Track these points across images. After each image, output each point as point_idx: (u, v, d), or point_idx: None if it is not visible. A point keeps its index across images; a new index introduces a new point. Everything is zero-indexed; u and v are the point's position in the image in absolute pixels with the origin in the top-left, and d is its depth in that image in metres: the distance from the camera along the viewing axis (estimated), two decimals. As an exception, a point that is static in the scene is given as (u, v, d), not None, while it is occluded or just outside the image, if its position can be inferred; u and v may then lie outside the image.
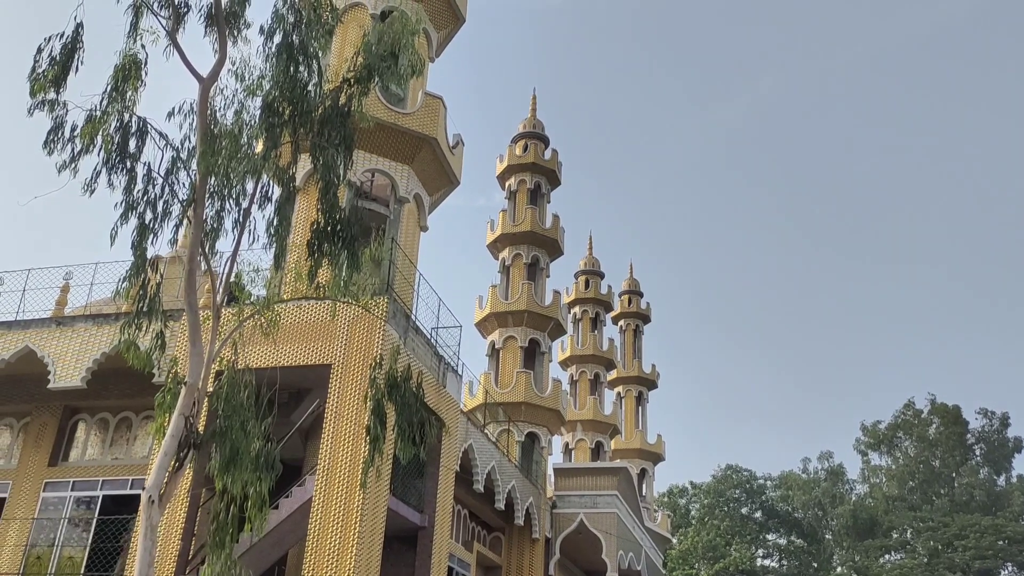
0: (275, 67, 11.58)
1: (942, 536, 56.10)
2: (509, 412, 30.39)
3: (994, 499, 63.25)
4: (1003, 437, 67.31)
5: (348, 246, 11.39)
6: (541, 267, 34.36)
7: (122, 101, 11.04)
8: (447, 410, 18.99)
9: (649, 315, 52.33)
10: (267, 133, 11.40)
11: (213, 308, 11.47)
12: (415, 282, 19.28)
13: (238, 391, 11.40)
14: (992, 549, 52.97)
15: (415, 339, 17.85)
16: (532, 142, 36.47)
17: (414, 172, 20.16)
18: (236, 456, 10.89)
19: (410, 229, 20.14)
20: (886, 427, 70.21)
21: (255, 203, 11.59)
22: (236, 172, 11.24)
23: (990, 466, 66.70)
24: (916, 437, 68.19)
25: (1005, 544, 53.35)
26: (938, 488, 66.48)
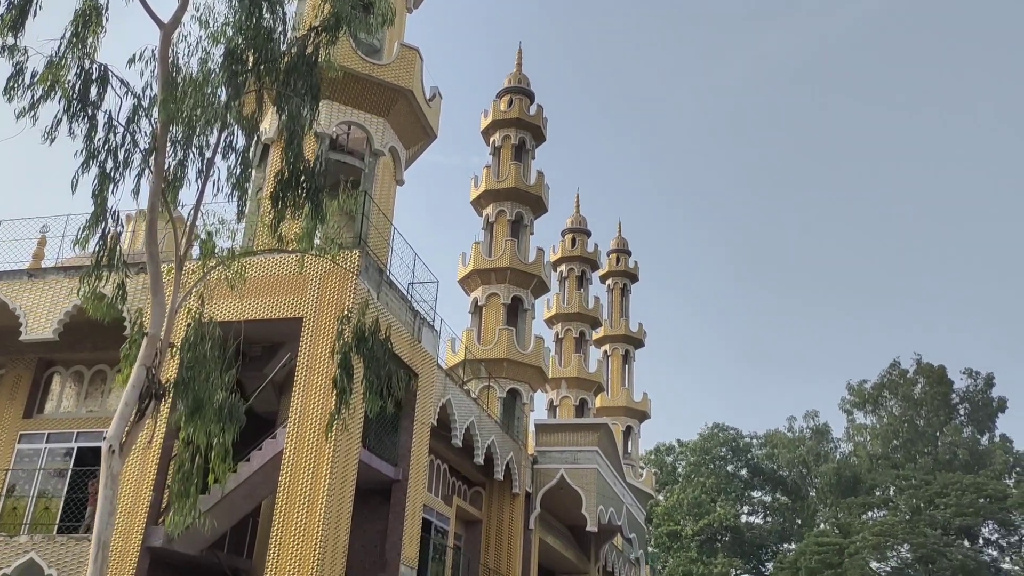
0: (239, 13, 11.43)
1: (924, 494, 56.94)
2: (491, 369, 30.52)
3: (976, 458, 64.12)
4: (987, 397, 68.04)
5: (312, 197, 11.33)
6: (525, 224, 34.28)
7: (82, 47, 10.87)
8: (422, 365, 19.05)
9: (637, 274, 52.45)
10: (230, 81, 11.25)
11: (176, 259, 11.41)
12: (390, 236, 19.21)
13: (202, 342, 11.42)
14: (973, 507, 53.82)
15: (389, 293, 17.83)
16: (517, 97, 36.18)
17: (390, 125, 19.99)
18: (200, 407, 10.94)
19: (385, 183, 20.02)
20: (872, 386, 70.85)
21: (219, 153, 11.49)
22: (199, 121, 11.13)
23: (973, 425, 67.53)
24: (901, 397, 68.86)
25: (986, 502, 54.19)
26: (921, 447, 67.33)
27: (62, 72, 10.68)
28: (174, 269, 11.32)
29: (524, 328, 32.69)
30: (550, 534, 29.72)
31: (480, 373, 30.45)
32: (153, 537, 15.54)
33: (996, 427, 67.58)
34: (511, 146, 35.34)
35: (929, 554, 50.98)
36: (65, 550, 16.31)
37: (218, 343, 11.39)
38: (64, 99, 10.70)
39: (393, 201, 20.52)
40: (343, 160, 19.59)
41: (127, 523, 15.60)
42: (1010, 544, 56.17)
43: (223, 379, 11.18)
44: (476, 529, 26.39)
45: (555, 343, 43.89)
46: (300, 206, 11.45)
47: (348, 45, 18.38)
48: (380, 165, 19.83)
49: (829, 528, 63.85)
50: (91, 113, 10.89)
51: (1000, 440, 66.43)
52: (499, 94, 36.73)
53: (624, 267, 51.96)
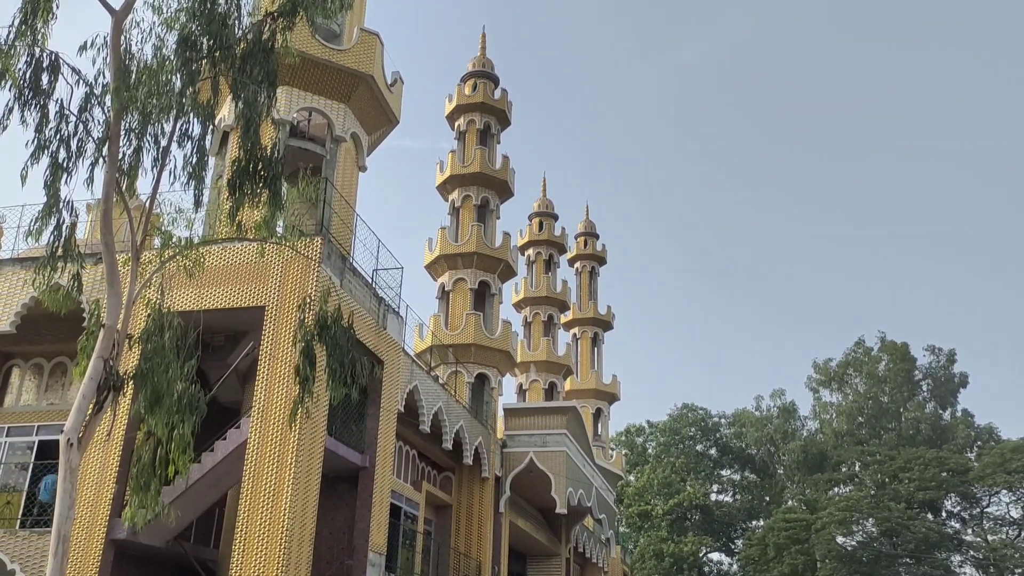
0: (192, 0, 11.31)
1: (888, 469, 58.03)
2: (458, 354, 30.59)
3: (939, 433, 65.41)
4: (949, 373, 69.31)
5: (270, 185, 11.29)
6: (491, 209, 34.27)
7: (32, 35, 10.71)
8: (387, 351, 19.07)
9: (605, 257, 52.67)
10: (184, 69, 11.14)
11: (132, 249, 11.33)
12: (353, 223, 19.16)
13: (161, 333, 11.36)
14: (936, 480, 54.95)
15: (352, 281, 17.81)
16: (482, 81, 36.06)
17: (351, 111, 19.90)
18: (159, 398, 10.89)
19: (347, 169, 19.94)
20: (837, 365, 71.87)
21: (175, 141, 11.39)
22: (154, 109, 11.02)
23: (936, 401, 68.81)
24: (866, 374, 69.93)
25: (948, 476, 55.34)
26: (886, 423, 68.53)
27: (12, 60, 10.52)
28: (130, 259, 11.22)
29: (492, 313, 32.76)
30: (520, 517, 29.95)
31: (448, 359, 30.51)
32: (117, 530, 15.46)
33: (958, 402, 68.93)
34: (476, 130, 35.26)
35: (893, 527, 52.04)
36: (28, 544, 16.17)
37: (178, 333, 11.34)
38: (15, 88, 10.55)
39: (356, 187, 20.44)
40: (304, 147, 19.47)
41: (90, 516, 15.50)
42: (972, 516, 57.48)
43: (183, 370, 11.15)
44: (446, 514, 26.52)
45: (523, 327, 44.02)
46: (258, 194, 11.40)
47: (306, 30, 18.24)
48: (342, 151, 19.74)
49: (797, 504, 64.90)
50: (43, 102, 10.75)
51: (962, 415, 67.77)
52: (463, 78, 36.60)
53: (592, 250, 52.16)
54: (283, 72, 16.05)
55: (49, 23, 10.81)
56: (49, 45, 10.78)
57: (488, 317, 32.53)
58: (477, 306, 32.46)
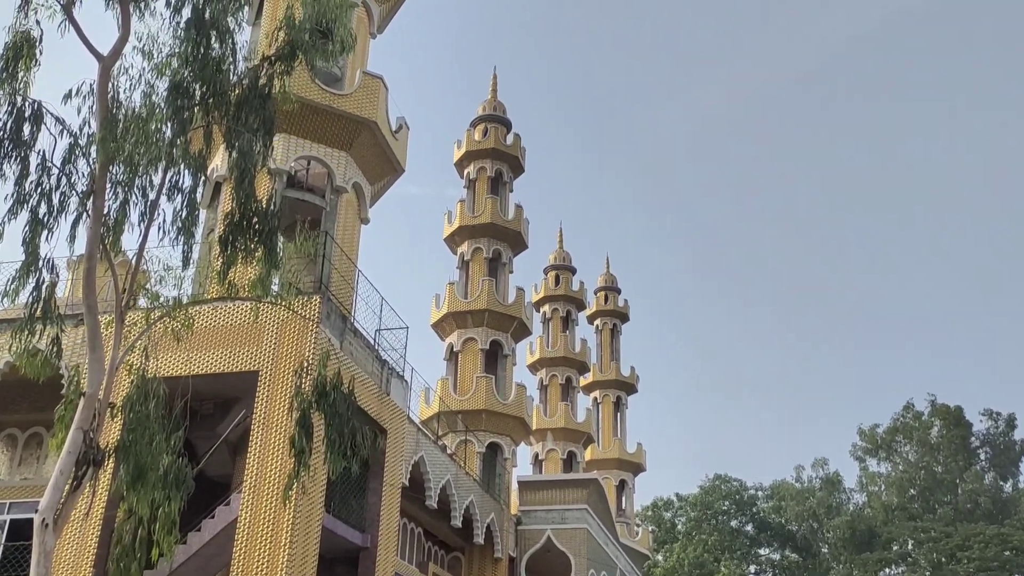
0: (185, 43, 11.52)
1: (945, 547, 56.91)
2: (468, 421, 30.43)
3: (1000, 506, 64.22)
4: (1009, 440, 68.33)
5: (265, 240, 11.36)
6: (503, 262, 34.41)
7: (14, 83, 10.91)
8: (391, 419, 18.98)
9: (627, 313, 52.59)
10: (175, 117, 11.31)
11: (116, 310, 11.36)
12: (354, 280, 19.24)
13: (146, 401, 11.35)
14: (998, 560, 53.82)
15: (353, 342, 17.83)
16: (492, 126, 36.50)
17: (352, 159, 20.14)
18: (143, 473, 10.83)
19: (349, 222, 20.11)
20: (884, 431, 71.03)
21: (164, 194, 11.51)
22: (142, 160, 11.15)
23: (996, 471, 67.73)
24: (917, 441, 69.04)
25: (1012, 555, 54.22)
26: (940, 496, 67.39)
27: (-8, 110, 10.71)
28: (114, 321, 11.25)
29: (504, 376, 32.68)
30: (537, 602, 29.44)
31: (457, 426, 30.34)
32: (94, 618, 15.24)
33: (1020, 472, 67.84)
34: (487, 178, 35.58)
35: (953, 613, 50.82)
36: (-4, 635, 15.96)
37: (163, 401, 11.32)
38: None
39: (357, 241, 20.58)
40: (302, 198, 19.67)
41: (64, 603, 15.29)
42: (1039, 600, 56.13)
43: (169, 441, 11.10)
44: (455, 599, 26.09)
45: (539, 391, 43.81)
46: (252, 250, 11.47)
47: (305, 74, 18.56)
48: (343, 203, 19.92)
49: (844, 587, 63.59)
50: (23, 154, 10.90)
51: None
52: (473, 123, 37.06)
53: (613, 306, 52.11)
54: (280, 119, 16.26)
55: (32, 70, 11.03)
56: (32, 93, 10.97)
57: (500, 380, 32.42)
58: (488, 368, 32.38)
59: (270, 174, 18.01)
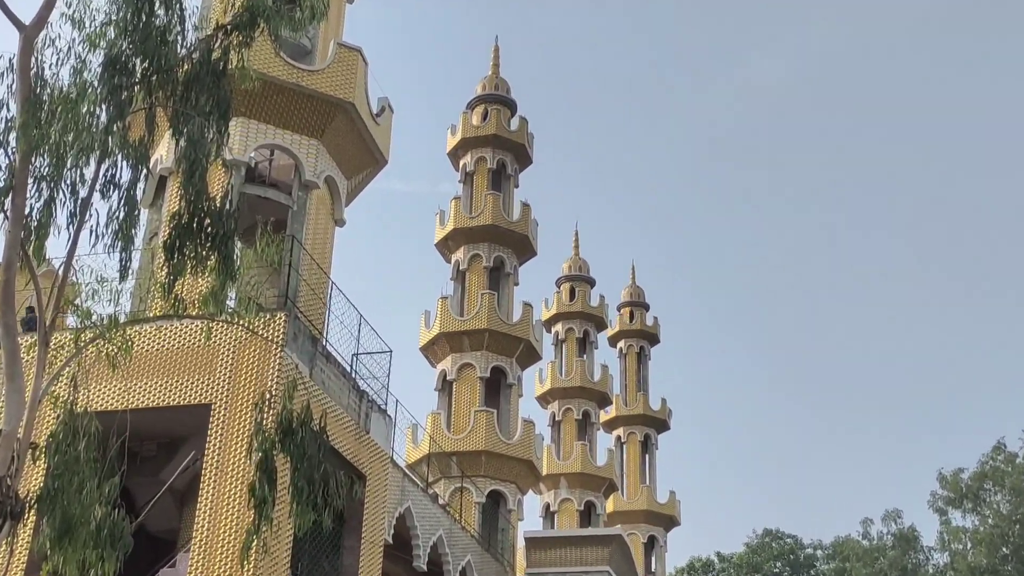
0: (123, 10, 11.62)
1: (1045, 618, 56.67)
2: (465, 465, 30.44)
3: (1113, 568, 63.98)
4: (1123, 487, 68.09)
5: (219, 246, 11.43)
6: (507, 272, 34.49)
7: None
8: (371, 462, 19.03)
9: (657, 333, 52.66)
10: (112, 97, 11.39)
11: (40, 330, 11.42)
12: (327, 294, 19.32)
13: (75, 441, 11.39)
14: (1109, 634, 53.57)
15: (326, 369, 17.90)
16: (494, 108, 36.66)
17: (325, 148, 20.25)
18: (71, 528, 10.86)
19: (320, 223, 20.20)
20: (970, 477, 70.67)
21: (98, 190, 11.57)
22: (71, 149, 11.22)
23: (1108, 525, 67.48)
24: (1010, 489, 68.74)
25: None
26: (1039, 555, 67.14)
27: None
28: (36, 344, 11.31)
29: (509, 410, 32.67)
30: None
31: (451, 471, 30.34)
32: None
33: None
34: (487, 171, 35.70)
35: None
36: None
37: (96, 441, 11.35)
38: None
39: (331, 247, 20.65)
40: (264, 195, 19.75)
41: None
42: None
43: (103, 489, 11.13)
44: None
45: (551, 428, 43.81)
46: (204, 258, 11.53)
47: (268, 47, 18.66)
48: (313, 201, 20.01)
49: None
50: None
51: None
52: (470, 104, 37.23)
53: (640, 325, 52.20)
54: (238, 100, 16.35)
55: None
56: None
57: (504, 415, 32.42)
58: (489, 401, 32.39)
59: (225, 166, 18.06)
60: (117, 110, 11.32)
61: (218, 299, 11.70)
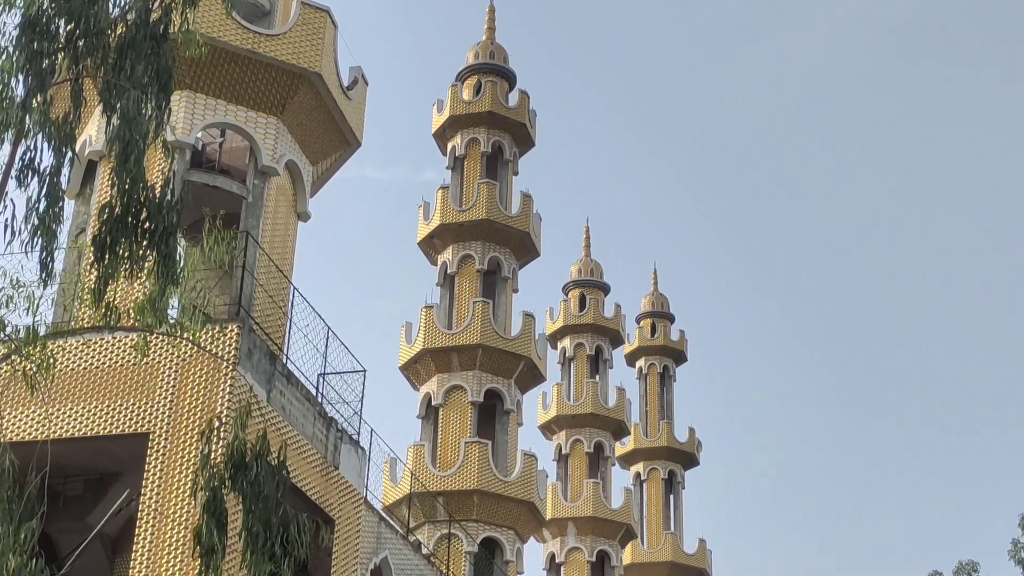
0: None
1: None
2: (454, 507, 30.40)
3: None
4: None
5: (158, 243, 11.45)
6: (505, 276, 34.44)
7: None
8: (341, 504, 19.00)
9: (684, 350, 52.65)
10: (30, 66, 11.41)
11: (-57, 346, 11.45)
12: (288, 301, 19.31)
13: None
14: None
15: (286, 392, 17.87)
16: (489, 80, 36.63)
17: (286, 128, 20.23)
18: (-20, 583, 10.87)
19: (280, 218, 20.21)
20: (1059, 521, 70.88)
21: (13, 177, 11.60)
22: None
23: None
24: (1107, 537, 68.89)
25: None
26: None
27: None
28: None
29: (506, 441, 32.63)
30: None
31: (437, 514, 30.30)
32: None
33: None
34: (480, 155, 35.67)
35: None
36: None
37: (11, 478, 11.36)
38: None
39: (293, 246, 20.66)
40: (213, 184, 19.73)
41: None
42: None
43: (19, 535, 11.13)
44: None
45: (557, 463, 43.79)
46: (141, 258, 11.54)
47: (218, 6, 18.64)
48: (272, 190, 19.99)
49: None
50: None
51: None
52: (460, 75, 37.23)
53: (664, 340, 52.19)
54: (183, 70, 16.32)
55: None
56: None
57: (501, 448, 32.39)
58: (483, 430, 32.36)
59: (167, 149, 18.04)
60: (37, 81, 11.34)
61: (157, 308, 11.70)
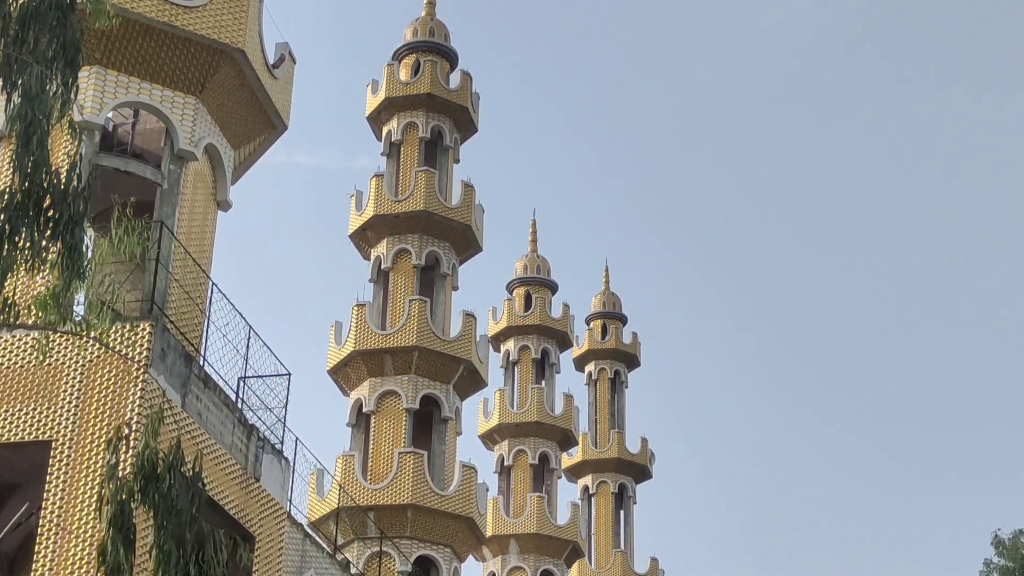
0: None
1: None
2: (386, 522, 30.38)
3: None
4: None
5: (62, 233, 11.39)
6: (444, 272, 34.43)
7: None
8: (262, 519, 18.98)
9: (637, 354, 52.81)
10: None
11: None
12: (206, 298, 19.26)
13: None
14: None
15: (203, 397, 17.83)
16: (428, 59, 36.58)
17: (206, 108, 20.16)
18: None
19: (198, 206, 20.15)
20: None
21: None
22: None
23: None
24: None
25: None
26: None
27: None
28: None
29: (443, 451, 32.65)
30: None
31: (367, 531, 30.29)
32: None
33: None
34: (418, 141, 35.63)
35: None
36: None
37: None
38: None
39: (212, 237, 20.62)
40: (125, 169, 19.62)
41: None
42: None
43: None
44: None
45: (498, 476, 43.83)
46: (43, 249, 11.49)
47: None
48: (189, 176, 19.90)
49: None
50: None
51: None
52: (397, 54, 37.14)
53: (616, 342, 52.32)
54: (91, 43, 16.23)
55: None
56: None
57: (438, 458, 32.42)
58: (418, 439, 32.37)
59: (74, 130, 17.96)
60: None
61: (61, 304, 11.65)
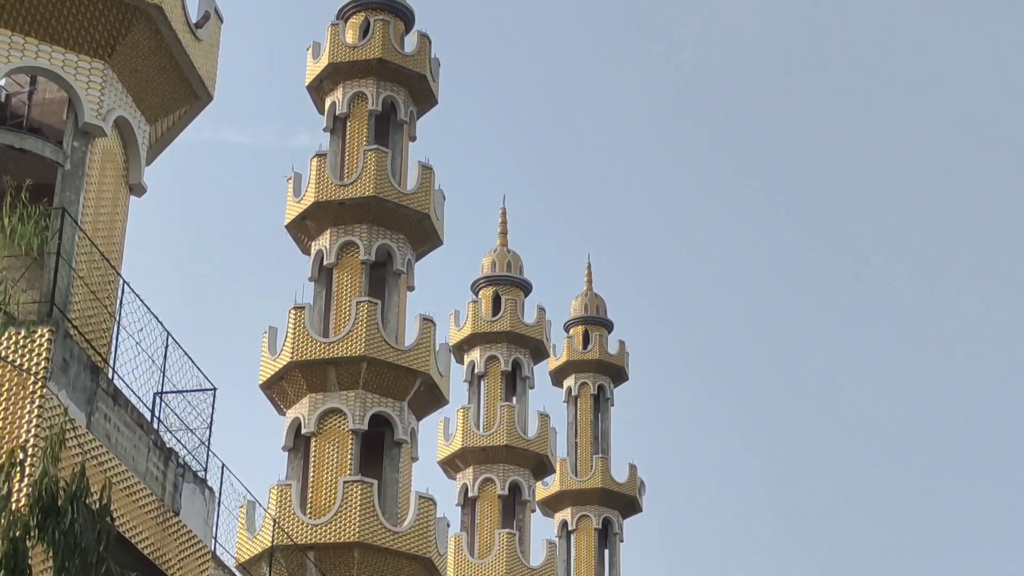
0: None
1: None
2: (328, 564, 30.45)
3: None
4: None
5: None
6: (396, 269, 34.48)
7: None
8: (180, 560, 18.98)
9: (624, 365, 52.96)
10: None
11: None
12: (116, 299, 19.24)
13: None
14: None
15: (112, 415, 17.81)
16: (378, 18, 36.62)
17: (116, 75, 20.13)
18: None
19: (107, 190, 20.13)
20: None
21: None
22: None
23: None
24: None
25: None
26: None
27: None
28: None
29: (396, 479, 32.73)
30: None
31: (307, 572, 30.32)
32: None
33: None
34: (368, 113, 35.64)
35: None
36: None
37: None
38: None
39: (123, 227, 20.61)
40: (20, 147, 19.58)
41: None
42: None
43: None
44: None
45: (462, 508, 43.93)
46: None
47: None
48: (96, 155, 19.87)
49: None
50: None
51: None
52: (343, 12, 37.15)
53: (599, 352, 52.48)
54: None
55: None
56: None
57: (390, 489, 32.48)
58: (368, 466, 32.45)
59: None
60: None
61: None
